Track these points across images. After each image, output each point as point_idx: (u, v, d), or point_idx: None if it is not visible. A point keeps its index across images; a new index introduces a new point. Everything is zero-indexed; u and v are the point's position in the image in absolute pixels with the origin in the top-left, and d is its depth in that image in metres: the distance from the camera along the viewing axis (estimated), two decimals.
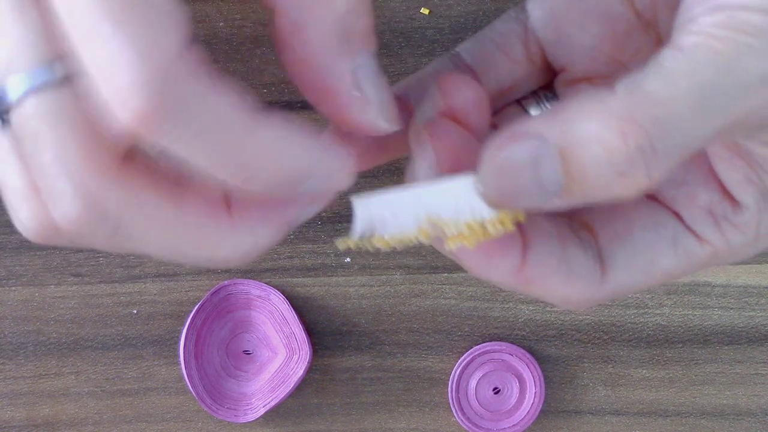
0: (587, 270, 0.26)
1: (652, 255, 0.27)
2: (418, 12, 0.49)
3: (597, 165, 0.22)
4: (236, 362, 0.52)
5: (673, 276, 0.27)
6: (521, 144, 0.23)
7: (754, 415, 0.51)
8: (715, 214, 0.27)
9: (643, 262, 0.27)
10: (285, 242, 0.51)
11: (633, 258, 0.27)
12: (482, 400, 0.51)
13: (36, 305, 0.51)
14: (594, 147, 0.22)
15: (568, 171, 0.23)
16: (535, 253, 0.25)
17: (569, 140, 0.23)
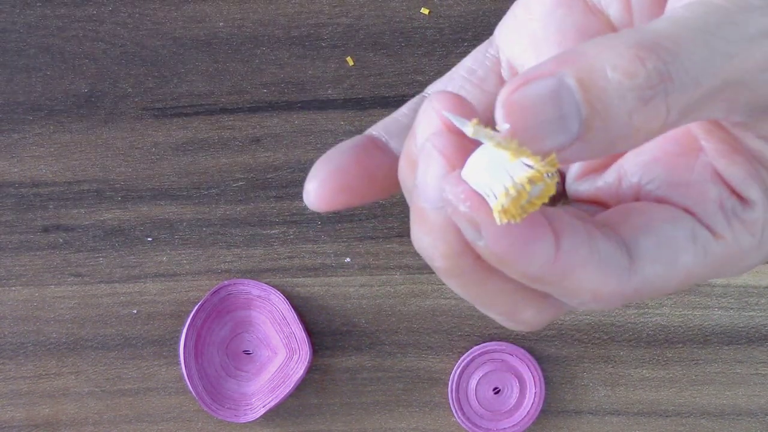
0: (616, 260, 0.25)
1: (675, 248, 0.26)
2: (418, 12, 0.49)
3: (618, 89, 0.22)
4: (236, 362, 0.52)
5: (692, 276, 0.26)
6: (539, 81, 0.22)
7: (754, 415, 0.51)
8: (726, 209, 0.27)
9: (667, 255, 0.26)
10: (285, 242, 0.51)
11: (658, 250, 0.26)
12: (482, 400, 0.51)
13: (36, 305, 0.51)
14: (613, 73, 0.22)
15: (588, 101, 0.22)
16: (567, 242, 0.24)
17: (587, 72, 0.22)
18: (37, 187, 0.51)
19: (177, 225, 0.51)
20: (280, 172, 0.51)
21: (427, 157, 0.24)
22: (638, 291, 0.25)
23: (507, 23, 0.31)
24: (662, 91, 0.22)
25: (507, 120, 0.23)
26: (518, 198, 0.23)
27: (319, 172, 0.28)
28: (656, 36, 0.22)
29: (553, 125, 0.22)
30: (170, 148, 0.51)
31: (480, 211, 0.23)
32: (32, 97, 0.50)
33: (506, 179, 0.23)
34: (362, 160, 0.29)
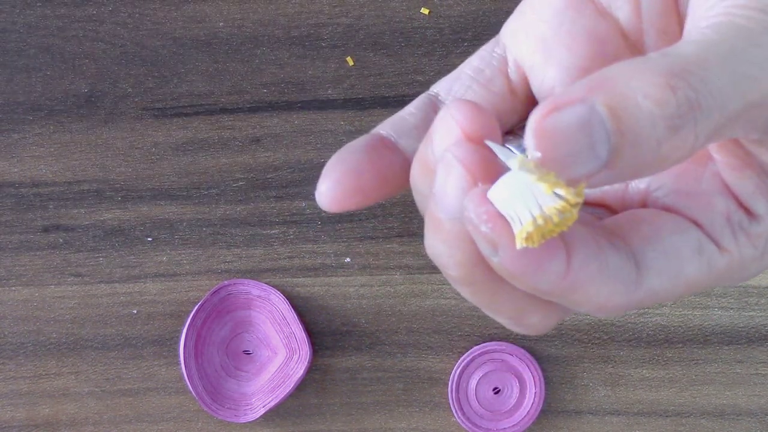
0: (625, 273, 0.25)
1: (681, 260, 0.26)
2: (418, 12, 0.49)
3: (649, 118, 0.22)
4: (236, 362, 0.52)
5: (693, 287, 0.26)
6: (570, 109, 0.22)
7: (754, 415, 0.51)
8: (732, 222, 0.27)
9: (673, 267, 0.26)
10: (285, 242, 0.51)
11: (665, 261, 0.26)
12: (482, 400, 0.51)
13: (36, 305, 0.51)
14: (644, 101, 0.22)
15: (619, 129, 0.22)
16: (578, 257, 0.24)
17: (618, 99, 0.22)
18: (37, 187, 0.51)
19: (177, 225, 0.51)
20: (280, 172, 0.51)
21: (448, 167, 0.24)
22: (641, 302, 0.26)
23: (514, 23, 0.30)
24: (692, 119, 0.22)
25: (538, 148, 0.22)
26: (544, 227, 0.23)
27: (332, 173, 0.28)
28: (686, 62, 0.22)
29: (583, 153, 0.22)
30: (170, 148, 0.51)
31: (502, 234, 0.23)
32: (32, 97, 0.50)
33: (535, 208, 0.23)
34: (375, 160, 0.29)
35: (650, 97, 0.22)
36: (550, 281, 0.24)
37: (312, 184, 0.50)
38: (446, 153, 0.24)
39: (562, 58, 0.29)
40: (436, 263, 0.26)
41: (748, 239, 0.26)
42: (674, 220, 0.26)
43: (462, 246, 0.24)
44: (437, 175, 0.25)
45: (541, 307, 0.26)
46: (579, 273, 0.24)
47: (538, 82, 0.30)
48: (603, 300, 0.25)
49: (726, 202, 0.27)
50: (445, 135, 0.25)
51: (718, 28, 0.23)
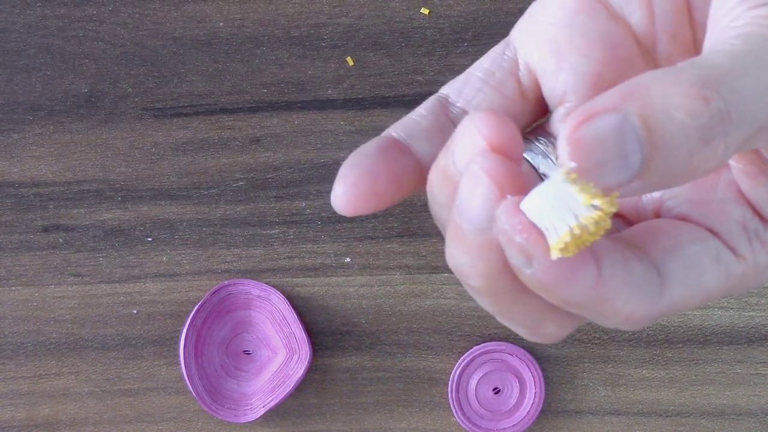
0: (649, 283, 0.25)
1: (701, 270, 0.26)
2: (418, 12, 0.49)
3: (681, 129, 0.22)
4: (236, 362, 0.52)
5: (711, 296, 0.26)
6: (603, 118, 0.22)
7: (754, 415, 0.51)
8: (749, 230, 0.27)
9: (694, 277, 0.26)
10: (285, 242, 0.51)
11: (686, 271, 0.26)
12: (482, 400, 0.51)
13: (36, 305, 0.51)
14: (677, 113, 0.22)
15: (651, 140, 0.22)
16: (607, 267, 0.24)
17: (651, 110, 0.22)
18: (37, 187, 0.51)
19: (177, 225, 0.51)
20: (280, 172, 0.51)
21: (474, 178, 0.24)
22: (662, 313, 0.26)
23: (525, 25, 0.30)
24: (722, 131, 0.22)
25: (573, 158, 0.22)
26: (581, 237, 0.23)
27: (348, 176, 0.28)
28: (717, 72, 0.22)
29: (615, 162, 0.22)
30: (170, 148, 0.51)
31: (537, 244, 0.23)
32: (32, 97, 0.50)
33: (571, 218, 0.23)
34: (389, 163, 0.28)
35: (683, 107, 0.22)
36: (581, 292, 0.24)
37: (312, 184, 0.50)
38: (472, 164, 0.24)
39: (575, 62, 0.29)
40: (456, 273, 0.26)
41: (763, 246, 0.26)
42: (692, 230, 0.27)
43: (486, 257, 0.24)
44: (461, 187, 0.24)
45: (558, 317, 0.26)
46: (608, 283, 0.24)
47: (550, 87, 0.30)
48: (629, 311, 0.25)
49: (741, 210, 0.27)
50: (468, 146, 0.25)
51: (747, 38, 0.23)
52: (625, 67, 0.29)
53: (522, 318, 0.26)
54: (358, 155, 0.28)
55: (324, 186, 0.50)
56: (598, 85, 0.29)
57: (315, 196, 0.50)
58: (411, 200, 0.50)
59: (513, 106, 0.30)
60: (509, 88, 0.30)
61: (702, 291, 0.26)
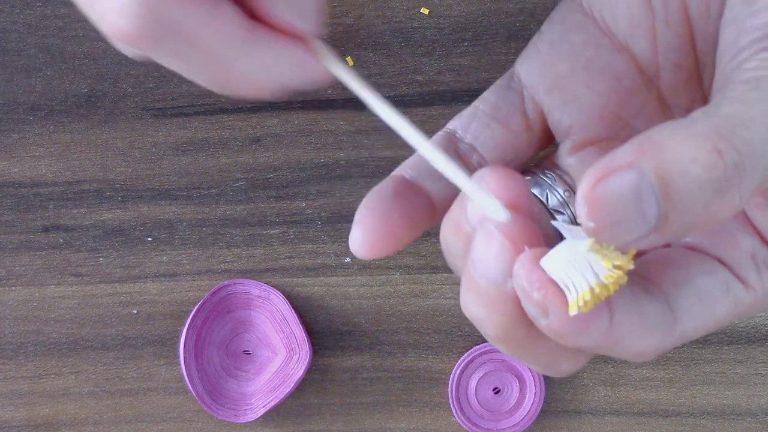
0: (662, 321, 0.26)
1: (712, 302, 0.26)
2: (418, 12, 0.49)
3: (697, 183, 0.22)
4: (236, 362, 0.52)
5: (719, 324, 0.27)
6: (620, 176, 0.22)
7: (754, 415, 0.51)
8: (757, 260, 0.27)
9: (706, 309, 0.26)
10: (285, 242, 0.51)
11: (698, 304, 0.26)
12: (482, 400, 0.51)
13: (36, 305, 0.51)
14: (692, 167, 0.22)
15: (667, 196, 0.22)
16: (619, 313, 0.25)
17: (666, 165, 0.22)
18: (37, 187, 0.51)
19: (177, 225, 0.51)
20: (280, 172, 0.51)
21: (488, 236, 0.24)
22: (674, 344, 0.26)
23: (530, 60, 0.30)
24: (737, 183, 0.22)
25: (591, 218, 0.23)
26: (600, 295, 0.23)
27: (364, 220, 0.28)
28: (731, 124, 0.22)
29: (633, 219, 0.23)
30: (170, 148, 0.51)
31: (555, 300, 0.23)
32: (32, 97, 0.50)
33: (591, 277, 0.23)
34: (403, 206, 0.29)
35: (698, 161, 0.22)
36: (595, 339, 0.24)
37: (312, 184, 0.50)
38: (486, 222, 0.24)
39: (580, 96, 0.29)
40: (473, 321, 0.26)
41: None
42: (703, 261, 0.27)
43: (501, 309, 0.25)
44: (476, 242, 0.25)
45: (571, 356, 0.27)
46: (621, 327, 0.25)
47: (556, 120, 0.30)
48: (642, 348, 0.25)
49: (751, 240, 0.27)
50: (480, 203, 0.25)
51: (758, 83, 0.23)
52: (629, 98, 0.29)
53: (536, 360, 0.27)
54: (371, 199, 0.28)
55: (324, 186, 0.50)
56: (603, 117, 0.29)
57: (315, 196, 0.50)
58: None
59: (519, 139, 0.30)
60: (516, 122, 0.30)
61: (712, 322, 0.26)
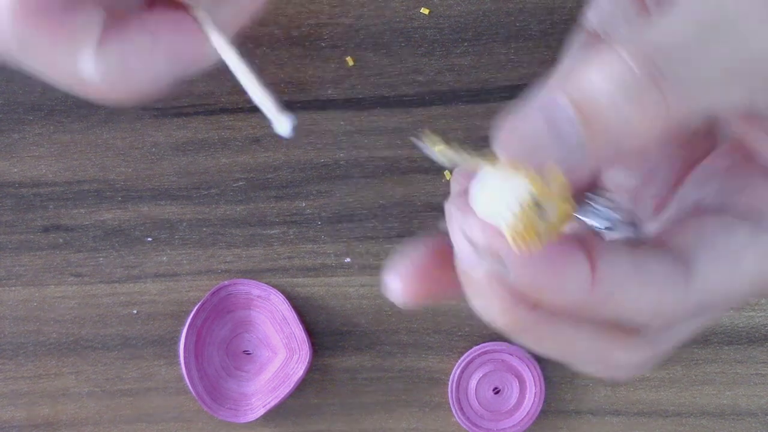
0: (669, 273, 0.25)
1: (735, 254, 0.25)
2: (418, 12, 0.49)
3: (609, 97, 0.22)
4: (236, 362, 0.52)
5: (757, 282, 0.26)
6: (531, 109, 0.23)
7: (754, 415, 0.51)
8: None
9: (727, 263, 0.25)
10: (285, 242, 0.51)
11: (716, 258, 0.25)
12: (482, 400, 0.51)
13: (36, 305, 0.51)
14: (602, 82, 0.22)
15: (583, 115, 0.22)
16: (605, 262, 0.24)
17: (576, 88, 0.23)
18: (37, 187, 0.51)
19: (177, 225, 0.51)
20: (280, 172, 0.51)
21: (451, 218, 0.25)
22: (703, 302, 0.25)
23: None
24: (654, 88, 0.22)
25: (505, 146, 0.23)
26: (528, 219, 0.23)
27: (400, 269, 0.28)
28: (648, 36, 0.23)
29: (552, 144, 0.23)
30: (170, 148, 0.51)
31: (494, 237, 0.23)
32: (32, 97, 0.50)
33: (513, 204, 0.23)
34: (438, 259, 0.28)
35: (607, 76, 0.22)
36: (576, 288, 0.24)
37: (312, 184, 0.50)
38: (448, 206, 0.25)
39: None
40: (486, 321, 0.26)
41: None
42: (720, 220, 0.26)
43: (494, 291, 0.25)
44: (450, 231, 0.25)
45: (618, 341, 0.26)
46: (610, 277, 0.24)
47: None
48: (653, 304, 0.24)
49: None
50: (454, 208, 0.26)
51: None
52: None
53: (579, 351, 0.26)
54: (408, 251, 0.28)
55: (324, 186, 0.50)
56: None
57: (315, 196, 0.50)
58: (411, 200, 0.50)
59: None
60: None
61: (746, 275, 0.25)
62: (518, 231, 0.23)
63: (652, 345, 0.26)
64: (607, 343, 0.26)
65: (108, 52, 0.29)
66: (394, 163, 0.50)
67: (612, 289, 0.24)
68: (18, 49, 0.29)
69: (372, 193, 0.50)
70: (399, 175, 0.50)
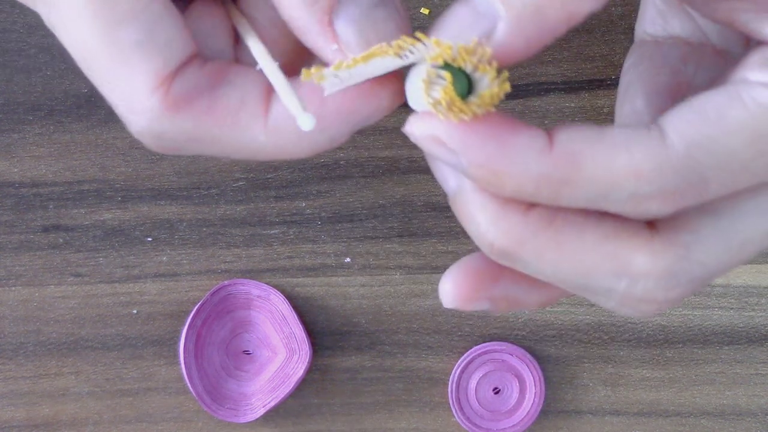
0: (637, 132, 0.23)
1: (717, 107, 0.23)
2: (418, 12, 0.49)
3: None
4: (236, 362, 0.52)
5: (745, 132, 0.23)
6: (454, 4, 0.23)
7: (754, 415, 0.51)
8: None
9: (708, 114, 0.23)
10: (285, 242, 0.51)
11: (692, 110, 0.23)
12: (482, 400, 0.51)
13: (36, 305, 0.51)
14: None
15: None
16: (564, 132, 0.23)
17: None
18: (37, 187, 0.51)
19: (177, 225, 0.51)
20: (280, 172, 0.51)
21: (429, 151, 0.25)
22: (690, 157, 0.22)
23: None
24: None
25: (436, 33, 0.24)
26: (452, 91, 0.23)
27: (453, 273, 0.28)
28: None
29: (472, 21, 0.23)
30: None
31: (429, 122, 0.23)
32: (32, 97, 0.50)
33: (437, 82, 0.23)
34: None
35: None
36: (534, 160, 0.23)
37: (312, 184, 0.50)
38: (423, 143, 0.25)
39: None
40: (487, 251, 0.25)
41: None
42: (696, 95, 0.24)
43: (477, 208, 0.24)
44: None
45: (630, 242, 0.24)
46: (569, 144, 0.23)
47: None
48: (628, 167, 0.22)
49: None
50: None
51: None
52: None
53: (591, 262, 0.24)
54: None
55: (324, 186, 0.50)
56: None
57: (315, 196, 0.50)
58: (411, 200, 0.50)
59: None
60: None
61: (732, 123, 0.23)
62: (446, 105, 0.23)
63: (675, 246, 0.24)
64: (619, 246, 0.24)
65: (277, 119, 0.26)
66: (394, 163, 0.50)
67: (573, 151, 0.23)
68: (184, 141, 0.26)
69: (372, 193, 0.50)
70: (399, 175, 0.50)
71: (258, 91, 0.26)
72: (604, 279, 0.24)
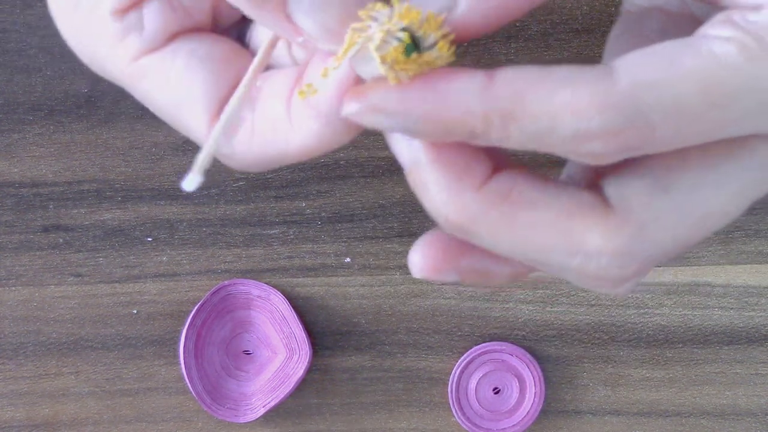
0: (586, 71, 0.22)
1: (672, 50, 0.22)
2: None
3: None
4: (236, 362, 0.52)
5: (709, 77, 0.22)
6: None
7: (754, 415, 0.51)
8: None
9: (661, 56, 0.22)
10: (285, 242, 0.51)
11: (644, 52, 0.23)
12: (482, 400, 0.51)
13: (36, 305, 0.51)
14: None
15: None
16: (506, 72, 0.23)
17: None
18: (37, 187, 0.51)
19: (177, 225, 0.51)
20: (280, 172, 0.51)
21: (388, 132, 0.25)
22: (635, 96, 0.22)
23: None
24: None
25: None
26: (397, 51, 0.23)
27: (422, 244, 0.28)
28: None
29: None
30: (170, 148, 0.51)
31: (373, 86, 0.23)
32: (32, 97, 0.50)
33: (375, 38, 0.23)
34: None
35: None
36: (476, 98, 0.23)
37: (312, 184, 0.50)
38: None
39: None
40: (444, 226, 0.25)
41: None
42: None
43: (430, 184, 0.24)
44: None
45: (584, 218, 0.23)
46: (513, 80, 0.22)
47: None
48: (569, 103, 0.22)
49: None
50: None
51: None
52: None
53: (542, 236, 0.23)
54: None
55: (324, 186, 0.50)
56: None
57: (315, 196, 0.50)
58: (411, 200, 0.50)
59: None
60: None
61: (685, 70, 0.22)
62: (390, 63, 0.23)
63: (629, 224, 0.23)
64: (573, 223, 0.23)
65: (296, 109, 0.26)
66: (394, 163, 0.50)
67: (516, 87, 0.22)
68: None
69: (372, 193, 0.50)
70: (399, 175, 0.50)
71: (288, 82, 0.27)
72: (558, 256, 0.24)
